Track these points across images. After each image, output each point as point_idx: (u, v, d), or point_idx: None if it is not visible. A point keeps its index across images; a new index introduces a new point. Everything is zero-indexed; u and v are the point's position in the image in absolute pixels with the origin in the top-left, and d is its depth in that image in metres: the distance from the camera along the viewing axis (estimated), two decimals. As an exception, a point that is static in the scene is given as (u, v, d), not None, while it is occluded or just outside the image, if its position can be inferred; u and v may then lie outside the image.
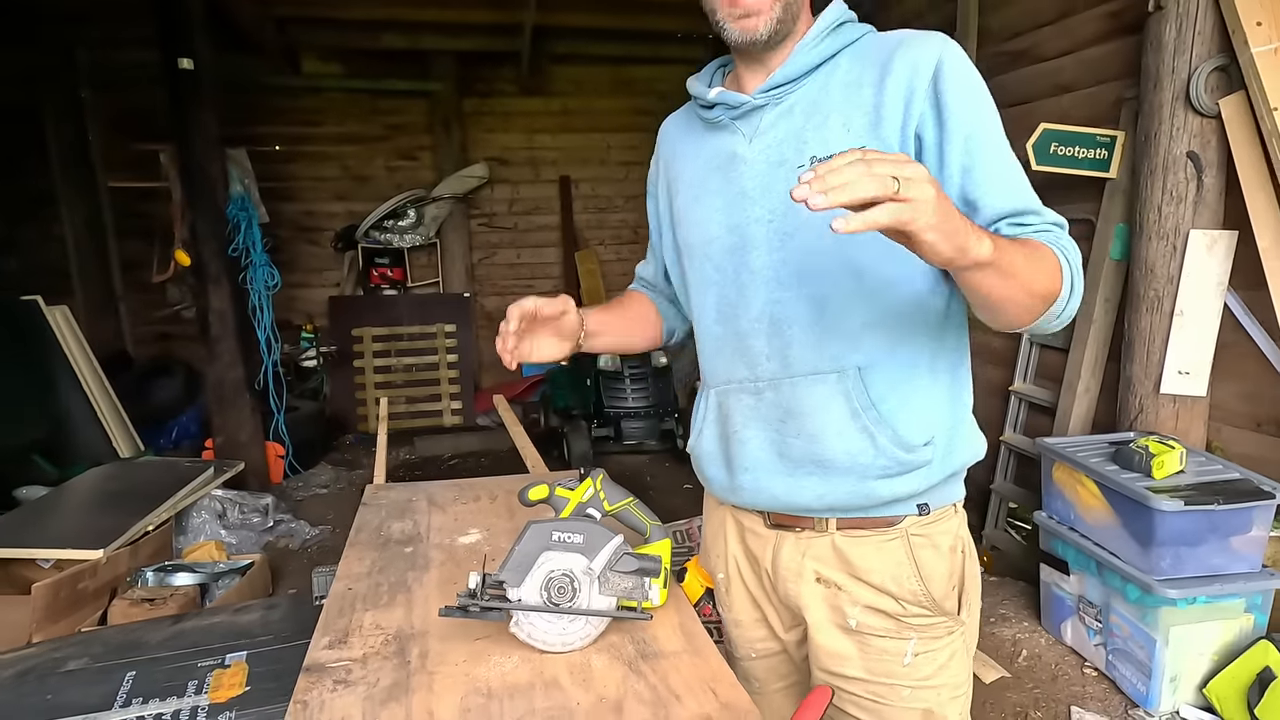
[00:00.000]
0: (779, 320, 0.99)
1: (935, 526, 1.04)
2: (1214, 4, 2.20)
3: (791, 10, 0.95)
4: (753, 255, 1.00)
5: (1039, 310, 0.86)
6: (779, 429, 1.01)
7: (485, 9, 5.07)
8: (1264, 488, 2.01)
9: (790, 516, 1.06)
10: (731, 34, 0.95)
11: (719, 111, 1.01)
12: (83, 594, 2.34)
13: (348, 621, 1.04)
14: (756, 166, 0.99)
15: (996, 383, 3.48)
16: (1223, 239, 2.30)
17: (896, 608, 1.03)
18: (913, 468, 0.98)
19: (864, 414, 0.96)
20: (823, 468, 0.99)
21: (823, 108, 0.95)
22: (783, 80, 0.96)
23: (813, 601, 1.06)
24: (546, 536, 0.95)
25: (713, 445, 1.10)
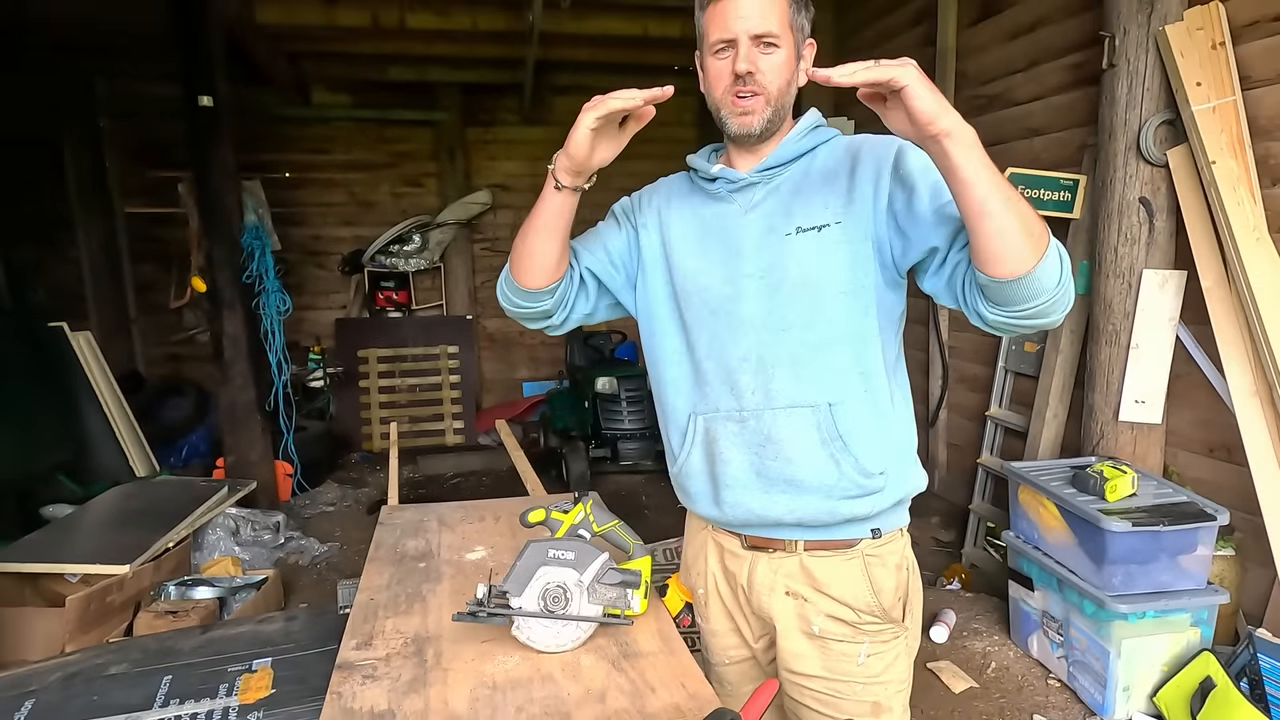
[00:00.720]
0: (764, 360, 1.16)
1: (885, 548, 1.22)
2: (1160, 64, 2.39)
3: (779, 114, 1.14)
4: (743, 304, 1.16)
5: (1034, 251, 0.93)
6: (759, 452, 1.17)
7: (490, 45, 5.29)
8: (1207, 510, 2.18)
9: (764, 539, 1.23)
10: (732, 128, 1.15)
11: (720, 184, 1.20)
12: (110, 606, 2.49)
13: (372, 627, 1.20)
14: (750, 231, 1.17)
15: (974, 408, 3.66)
16: (1173, 278, 2.48)
17: (853, 616, 1.20)
18: (869, 492, 1.16)
19: (832, 443, 1.14)
20: (795, 487, 1.16)
21: (805, 189, 1.16)
22: (774, 163, 1.17)
23: (782, 612, 1.23)
24: (543, 553, 1.12)
25: (699, 465, 1.23)
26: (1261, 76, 2.24)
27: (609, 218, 1.34)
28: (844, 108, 4.59)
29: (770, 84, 1.12)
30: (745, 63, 1.09)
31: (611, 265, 1.30)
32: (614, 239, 1.30)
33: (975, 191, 0.92)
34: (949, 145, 0.91)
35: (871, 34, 4.31)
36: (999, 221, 0.92)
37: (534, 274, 1.21)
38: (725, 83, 1.12)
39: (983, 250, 0.95)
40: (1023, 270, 0.94)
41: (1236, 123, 2.25)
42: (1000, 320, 1.00)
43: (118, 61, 5.40)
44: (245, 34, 4.49)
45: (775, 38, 1.10)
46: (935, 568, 3.41)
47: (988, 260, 0.95)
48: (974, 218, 0.93)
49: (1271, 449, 2.16)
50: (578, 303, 1.29)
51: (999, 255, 0.94)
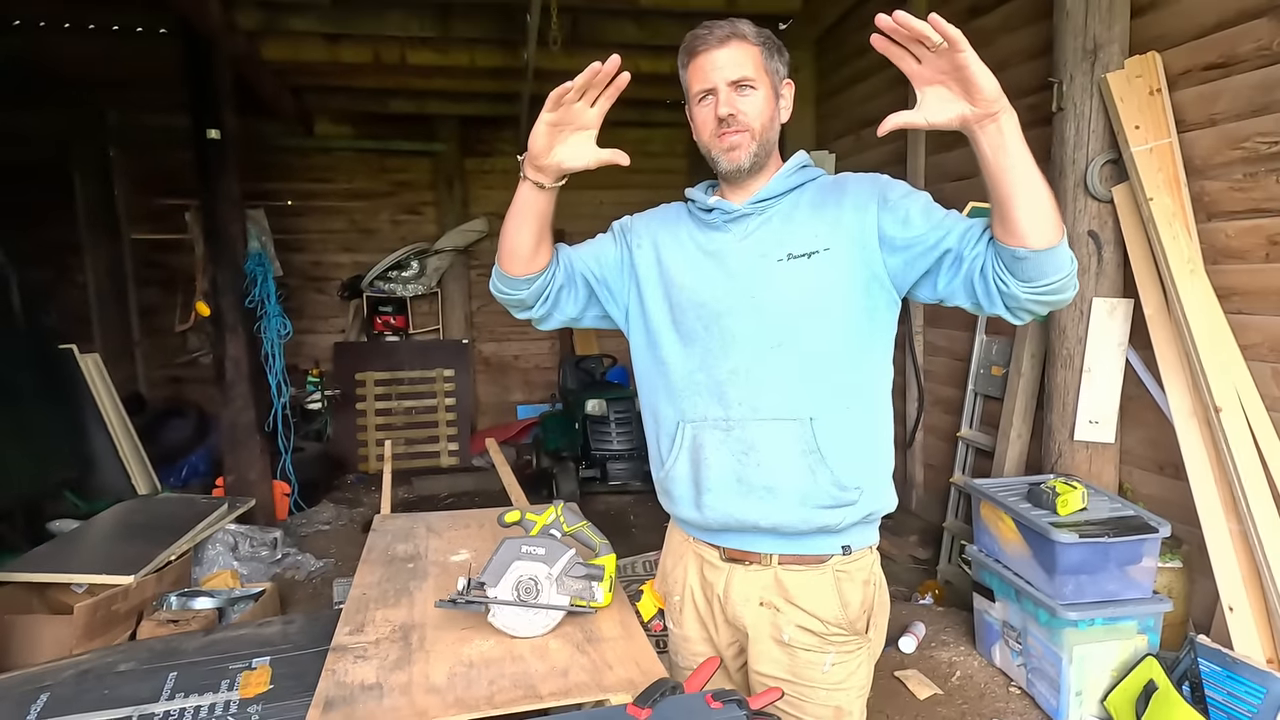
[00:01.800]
0: (752, 375, 1.24)
1: (855, 564, 1.31)
2: (1104, 108, 2.58)
3: (764, 149, 1.26)
4: (735, 321, 1.25)
5: (1057, 226, 1.04)
6: (740, 459, 1.25)
7: (487, 80, 5.50)
8: (1151, 523, 2.32)
9: (742, 552, 1.33)
10: (722, 165, 1.28)
11: (716, 215, 1.30)
12: (115, 615, 2.61)
13: (363, 617, 1.34)
14: (744, 257, 1.27)
15: (947, 430, 3.80)
16: (1121, 306, 2.65)
17: (821, 628, 1.29)
18: (842, 503, 1.26)
19: (810, 455, 1.23)
20: (771, 492, 1.24)
21: (795, 219, 1.28)
22: (766, 196, 1.27)
23: (755, 621, 1.33)
24: (517, 549, 1.26)
25: (684, 470, 1.31)
26: (1194, 120, 2.43)
27: (606, 233, 1.45)
28: (825, 141, 4.80)
29: (752, 121, 1.23)
30: (725, 106, 1.22)
31: (602, 273, 1.39)
32: (607, 251, 1.40)
33: (1023, 166, 1.00)
34: (1005, 123, 0.98)
35: (849, 72, 4.52)
36: (1039, 194, 1.01)
37: (512, 261, 1.31)
38: (711, 127, 1.25)
39: (1024, 222, 1.02)
40: (1056, 239, 1.04)
41: (1172, 162, 2.42)
42: (1029, 297, 1.08)
43: (128, 94, 5.62)
44: (251, 69, 4.70)
45: (751, 80, 1.22)
46: (911, 584, 3.54)
47: (1028, 231, 1.03)
48: (1019, 191, 1.01)
49: (1209, 466, 2.31)
50: (564, 302, 1.38)
51: (1038, 225, 1.02)
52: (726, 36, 1.23)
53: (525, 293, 1.34)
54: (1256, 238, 2.28)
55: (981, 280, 1.12)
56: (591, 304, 1.42)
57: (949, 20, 0.95)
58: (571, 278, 1.38)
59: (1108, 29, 2.56)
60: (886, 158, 4.12)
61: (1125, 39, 2.57)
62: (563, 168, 1.23)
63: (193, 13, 3.81)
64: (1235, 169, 2.32)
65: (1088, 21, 2.58)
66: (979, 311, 1.17)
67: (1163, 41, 2.50)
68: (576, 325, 1.45)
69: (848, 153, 4.56)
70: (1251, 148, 2.27)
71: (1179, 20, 2.47)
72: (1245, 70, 2.27)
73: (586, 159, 1.22)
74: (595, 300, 1.41)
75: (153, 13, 4.31)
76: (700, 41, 1.24)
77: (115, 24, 4.65)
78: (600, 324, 1.46)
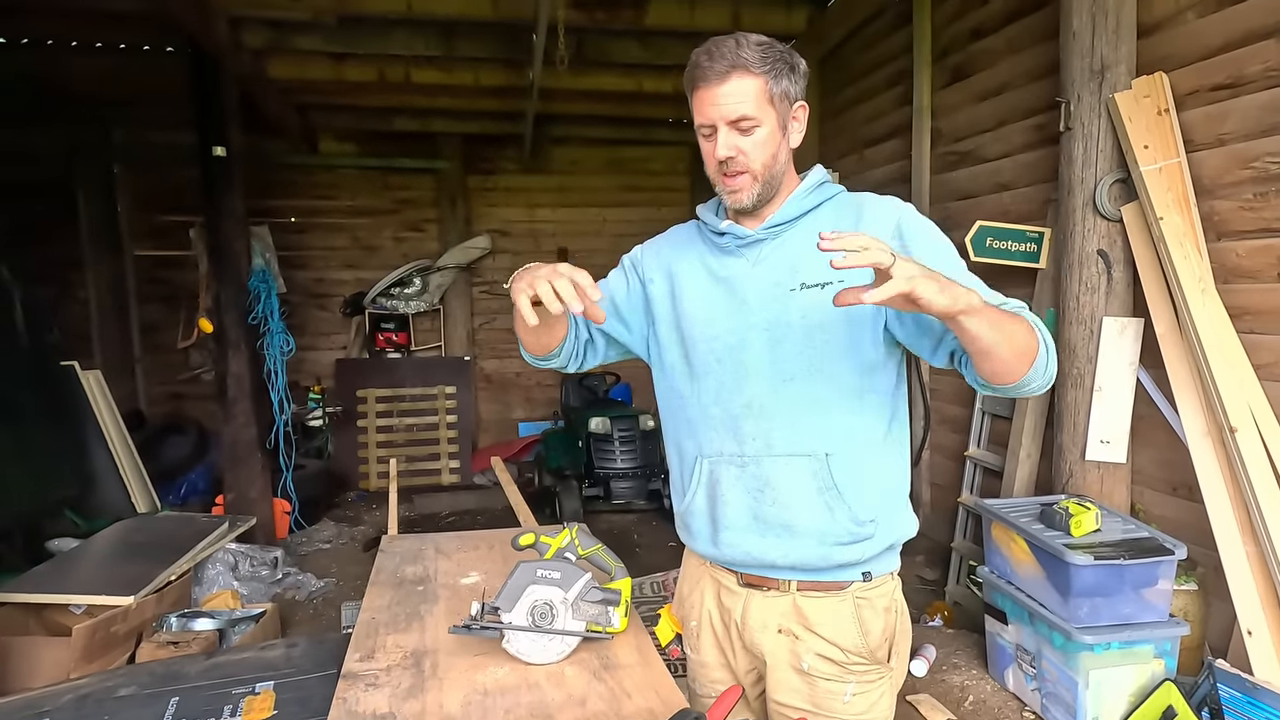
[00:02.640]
0: (766, 409, 1.22)
1: (875, 591, 1.27)
2: (1112, 128, 2.58)
3: (770, 185, 1.22)
4: (748, 354, 1.23)
5: (1024, 365, 1.06)
6: (757, 496, 1.23)
7: (491, 99, 5.54)
8: (1166, 545, 2.29)
9: (759, 577, 1.30)
10: (727, 203, 1.26)
11: (728, 239, 1.27)
12: (114, 636, 2.57)
13: (374, 642, 1.31)
14: (757, 284, 1.24)
15: (954, 448, 3.78)
16: (1131, 325, 2.64)
17: (841, 656, 1.25)
18: (860, 539, 1.24)
19: (827, 492, 1.20)
20: (790, 531, 1.22)
21: (809, 245, 1.20)
22: (780, 220, 1.24)
23: (774, 648, 1.30)
24: (532, 573, 1.23)
25: (702, 505, 1.29)
26: (1202, 140, 2.43)
27: (618, 269, 1.42)
28: (829, 160, 4.82)
29: (754, 161, 1.19)
30: (724, 149, 1.18)
31: (620, 320, 1.38)
32: (619, 292, 1.38)
33: (981, 343, 1.01)
34: (965, 321, 0.99)
35: (853, 92, 4.55)
36: (998, 356, 1.04)
37: (536, 350, 1.36)
38: (714, 164, 1.22)
39: (982, 372, 1.08)
40: (1015, 380, 1.07)
41: (1181, 182, 2.42)
42: (990, 394, 1.15)
43: (134, 111, 5.64)
44: (257, 87, 4.72)
45: (752, 118, 1.16)
46: (919, 605, 3.49)
47: (986, 378, 1.08)
48: (977, 357, 1.05)
49: (1224, 487, 2.29)
50: (588, 355, 1.41)
51: (996, 375, 1.07)
52: (727, 70, 1.16)
53: (556, 361, 1.39)
54: (1268, 257, 2.28)
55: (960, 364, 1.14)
56: (611, 346, 1.43)
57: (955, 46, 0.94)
58: (592, 333, 1.40)
59: (1114, 50, 2.57)
60: (891, 176, 4.14)
61: (1132, 60, 2.58)
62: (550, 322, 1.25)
63: (200, 32, 3.84)
64: (1245, 188, 2.32)
65: (1094, 42, 2.59)
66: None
67: (1170, 62, 2.51)
68: (606, 363, 1.46)
69: (851, 171, 4.58)
70: (1261, 167, 2.27)
71: (1186, 42, 2.48)
72: (1253, 91, 2.28)
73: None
74: (616, 342, 1.42)
75: (160, 32, 4.34)
76: (702, 73, 1.18)
77: (123, 42, 4.68)
78: (626, 357, 1.46)
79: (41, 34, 4.57)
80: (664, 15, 4.26)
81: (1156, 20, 2.57)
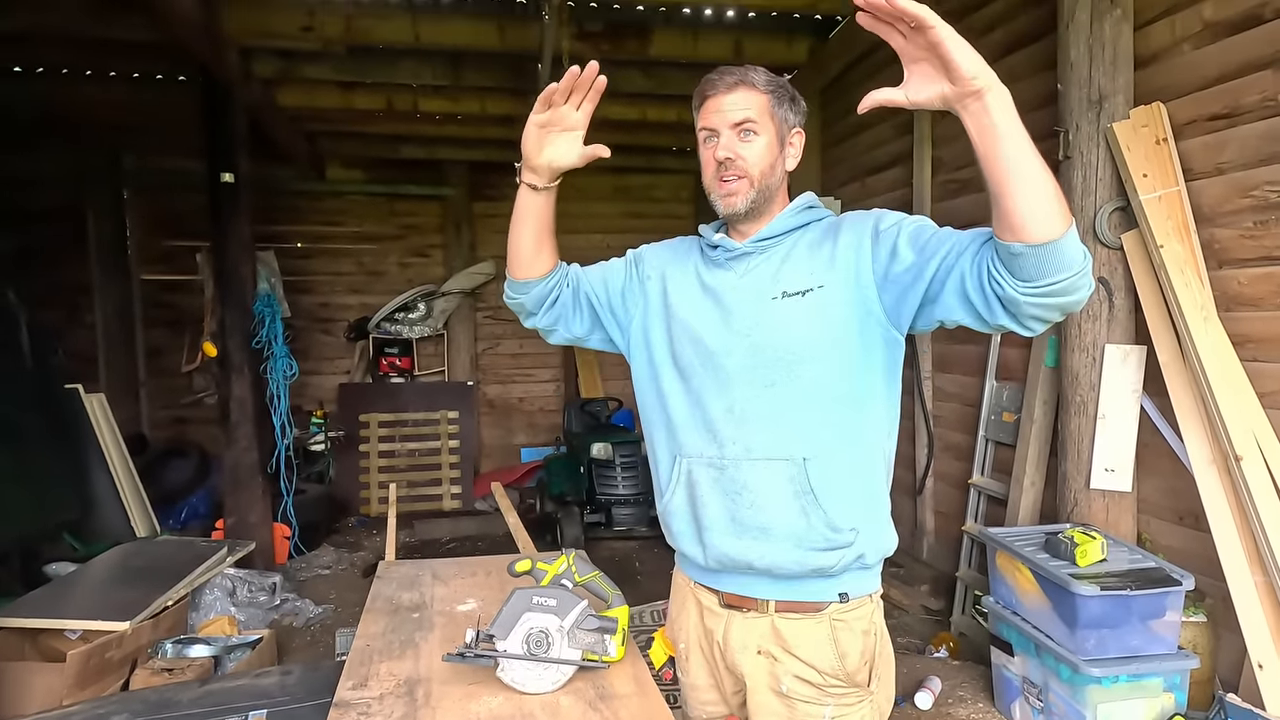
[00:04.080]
0: (746, 413, 1.24)
1: (853, 613, 1.28)
2: (1111, 157, 2.60)
3: (763, 195, 1.26)
4: (730, 359, 1.25)
5: (1059, 209, 0.95)
6: (734, 499, 1.25)
7: (497, 126, 5.60)
8: (1173, 575, 2.26)
9: (739, 598, 1.30)
10: (720, 208, 1.29)
11: (719, 252, 1.32)
12: (109, 663, 2.54)
13: (367, 670, 1.29)
14: (742, 294, 1.28)
15: (958, 476, 3.75)
16: (1134, 352, 2.63)
17: (818, 679, 1.26)
18: (836, 546, 1.24)
19: (803, 496, 1.22)
20: (766, 534, 1.23)
21: (793, 258, 1.28)
22: (768, 235, 1.29)
23: (754, 669, 1.30)
24: (528, 600, 1.22)
25: (682, 505, 1.31)
26: (1201, 169, 2.44)
27: (619, 258, 1.46)
28: (831, 189, 4.86)
29: (751, 167, 1.24)
30: (725, 150, 1.24)
31: (607, 296, 1.41)
32: (615, 277, 1.43)
33: (1017, 147, 0.93)
34: (991, 101, 0.92)
35: (854, 121, 4.59)
36: (1036, 180, 0.94)
37: (515, 264, 1.38)
38: (712, 168, 1.27)
39: (1020, 211, 0.94)
40: (1059, 231, 0.94)
41: (1181, 210, 2.43)
42: (1030, 299, 0.98)
43: (145, 138, 5.73)
44: (267, 115, 4.79)
45: (754, 124, 1.23)
46: (924, 635, 3.44)
47: (1025, 221, 0.94)
48: (1012, 176, 0.94)
49: (1231, 516, 2.26)
50: (570, 319, 1.43)
51: (1037, 215, 0.94)
52: (736, 82, 1.25)
53: (527, 297, 1.40)
54: (1270, 285, 2.27)
55: (977, 288, 1.04)
56: (596, 326, 1.45)
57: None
58: (577, 296, 1.42)
59: (1112, 80, 2.60)
60: (892, 204, 4.12)
61: (1130, 90, 2.60)
62: (553, 166, 1.29)
63: (212, 61, 3.91)
64: (1245, 217, 2.33)
65: (1092, 73, 2.62)
66: (982, 326, 1.08)
67: (1167, 92, 2.53)
68: (583, 344, 1.48)
69: (852, 199, 4.61)
70: (1261, 196, 2.28)
71: (1182, 72, 2.50)
72: (1251, 120, 2.30)
73: (573, 157, 1.28)
74: (599, 323, 1.44)
75: (173, 61, 4.41)
76: (711, 86, 1.27)
77: (136, 72, 4.76)
78: (606, 347, 1.48)
79: (57, 63, 4.66)
80: (667, 46, 4.33)
81: (1153, 51, 2.60)
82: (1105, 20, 2.58)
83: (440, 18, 4.09)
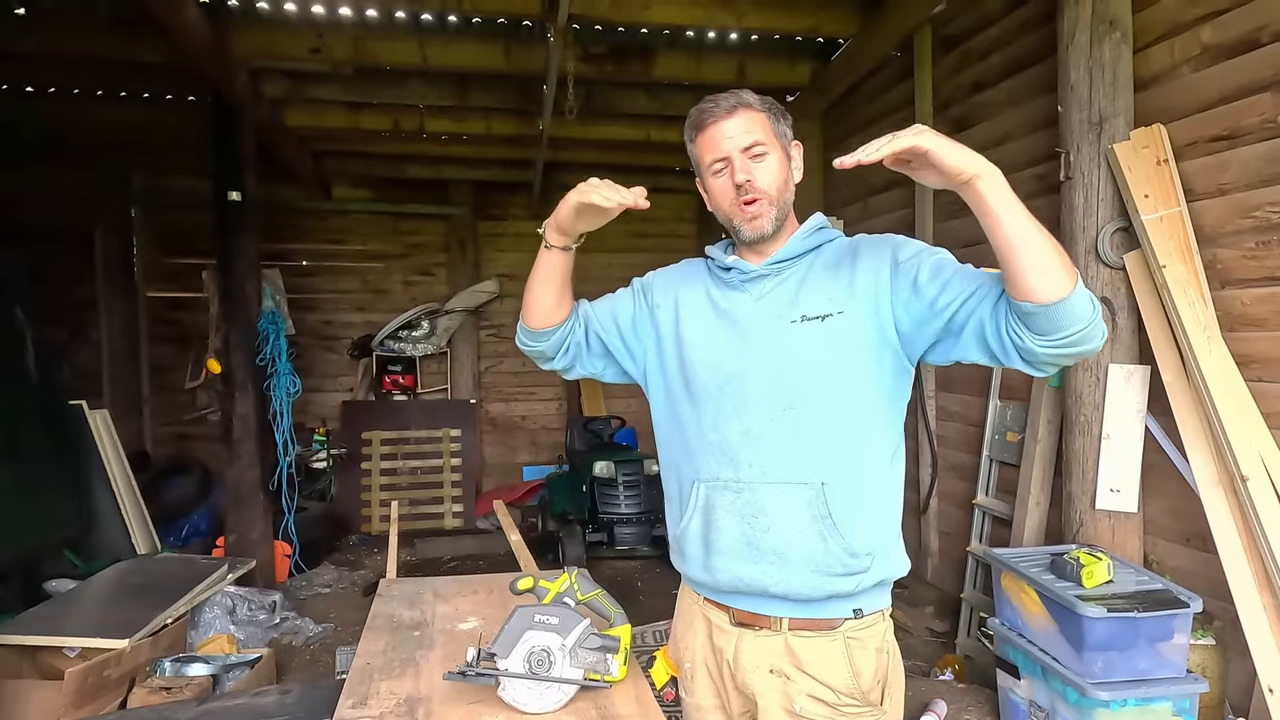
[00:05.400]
0: (763, 437, 1.24)
1: (866, 630, 1.28)
2: (1112, 178, 2.61)
3: (783, 212, 1.28)
4: (748, 383, 1.25)
5: (1067, 270, 1.02)
6: (750, 523, 1.24)
7: (502, 147, 5.67)
8: (1181, 597, 2.23)
9: (751, 615, 1.29)
10: (745, 234, 1.29)
11: (733, 274, 1.32)
12: (107, 681, 2.52)
13: (367, 688, 1.28)
14: (759, 317, 1.28)
15: (962, 496, 3.73)
16: (1138, 372, 2.63)
17: (833, 698, 1.25)
18: (854, 571, 1.24)
19: (821, 521, 1.22)
20: (782, 559, 1.23)
21: (809, 281, 1.28)
22: (784, 257, 1.29)
23: (766, 689, 1.28)
24: (530, 618, 1.21)
25: (697, 530, 1.30)
26: (1202, 190, 2.45)
27: (628, 289, 1.46)
28: (833, 209, 4.88)
29: (769, 186, 1.25)
30: (742, 173, 1.24)
31: (618, 335, 1.41)
32: (624, 310, 1.42)
33: (1012, 223, 1.01)
34: (982, 187, 1.01)
35: (856, 142, 4.56)
36: (1037, 248, 1.01)
37: (533, 315, 1.37)
38: (730, 196, 1.26)
39: (1026, 277, 1.02)
40: (1065, 292, 1.01)
41: (1183, 230, 2.44)
42: (1046, 351, 1.05)
43: (153, 157, 5.79)
44: (274, 135, 4.85)
45: (763, 145, 1.25)
46: (929, 658, 3.41)
47: (1032, 286, 1.02)
48: (1014, 247, 1.02)
49: (1238, 538, 2.24)
50: (585, 359, 1.43)
51: (1041, 280, 1.01)
52: (733, 107, 1.26)
53: (546, 344, 1.39)
54: (1273, 305, 2.27)
55: (995, 335, 1.10)
56: (610, 362, 1.45)
57: (959, 97, 0.97)
58: (588, 335, 1.42)
59: (1112, 102, 2.62)
60: (894, 225, 4.17)
61: (1130, 112, 2.62)
62: (587, 230, 1.31)
63: (222, 83, 3.96)
64: (1247, 237, 2.34)
65: (1092, 95, 2.64)
66: (996, 364, 1.13)
67: (1167, 114, 2.55)
68: (600, 379, 1.47)
69: (855, 220, 4.63)
70: (1262, 217, 2.28)
71: (1182, 95, 2.52)
72: (1251, 142, 2.31)
73: (603, 222, 1.28)
74: (613, 359, 1.44)
75: (183, 82, 4.47)
76: (707, 115, 1.27)
77: (146, 92, 4.83)
78: (622, 379, 1.47)
79: (70, 84, 4.73)
80: (671, 68, 4.38)
81: (1153, 74, 2.62)
82: (1105, 43, 2.61)
83: (447, 40, 4.15)
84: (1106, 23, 2.61)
